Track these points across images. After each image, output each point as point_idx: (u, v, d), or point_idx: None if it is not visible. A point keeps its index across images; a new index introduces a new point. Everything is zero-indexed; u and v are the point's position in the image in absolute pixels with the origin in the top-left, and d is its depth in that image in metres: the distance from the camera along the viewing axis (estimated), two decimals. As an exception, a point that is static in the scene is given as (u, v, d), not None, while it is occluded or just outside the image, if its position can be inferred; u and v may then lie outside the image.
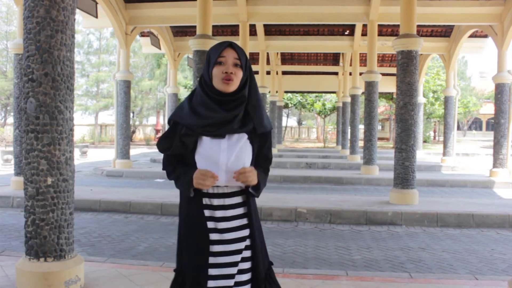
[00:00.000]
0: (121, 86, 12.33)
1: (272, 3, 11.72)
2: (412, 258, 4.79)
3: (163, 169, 1.99)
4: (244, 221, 1.90)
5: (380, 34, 13.49)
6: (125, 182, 10.59)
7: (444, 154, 15.29)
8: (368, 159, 11.64)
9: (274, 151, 18.58)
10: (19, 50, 7.66)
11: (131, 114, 27.24)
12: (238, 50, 1.84)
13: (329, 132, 36.91)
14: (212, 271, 1.83)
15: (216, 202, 1.86)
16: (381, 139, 32.17)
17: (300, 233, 5.92)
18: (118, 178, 11.63)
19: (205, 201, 1.87)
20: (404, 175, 7.27)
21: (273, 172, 12.08)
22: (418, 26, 9.13)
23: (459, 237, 5.79)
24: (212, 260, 1.83)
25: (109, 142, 28.80)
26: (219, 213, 1.86)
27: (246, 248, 1.89)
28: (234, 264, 1.85)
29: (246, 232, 1.89)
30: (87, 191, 8.07)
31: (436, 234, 5.94)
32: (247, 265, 1.89)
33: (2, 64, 31.60)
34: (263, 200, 7.22)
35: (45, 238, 3.20)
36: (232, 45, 1.84)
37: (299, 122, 47.78)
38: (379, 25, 12.28)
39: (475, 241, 5.58)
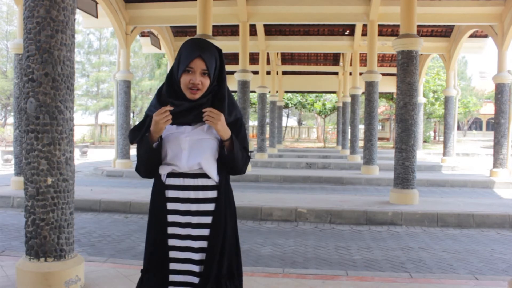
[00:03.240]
0: (121, 86, 12.33)
1: (272, 3, 11.72)
2: (412, 258, 4.79)
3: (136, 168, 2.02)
4: (207, 219, 1.92)
5: (380, 34, 13.49)
6: (125, 182, 10.59)
7: (444, 154, 15.29)
8: (368, 159, 11.64)
9: (274, 151, 18.62)
10: (19, 50, 7.66)
11: (131, 114, 27.17)
12: (207, 60, 1.87)
13: (329, 132, 36.91)
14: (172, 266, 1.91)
15: (181, 194, 1.92)
16: (381, 139, 32.18)
17: (300, 233, 5.92)
18: (118, 178, 11.63)
19: (169, 193, 1.93)
20: (404, 175, 7.26)
21: (273, 172, 12.10)
22: (418, 26, 9.13)
23: (459, 237, 5.79)
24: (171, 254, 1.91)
25: (109, 142, 28.81)
26: (183, 207, 1.92)
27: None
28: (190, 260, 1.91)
29: (205, 232, 1.92)
30: (87, 191, 8.07)
31: (436, 234, 5.94)
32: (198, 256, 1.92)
33: (2, 64, 31.59)
34: (263, 200, 7.22)
35: (45, 238, 3.20)
36: (201, 56, 1.87)
37: (299, 122, 47.77)
38: (379, 25, 12.28)
39: (475, 241, 5.58)
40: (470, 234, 6.00)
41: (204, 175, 1.93)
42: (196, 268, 1.90)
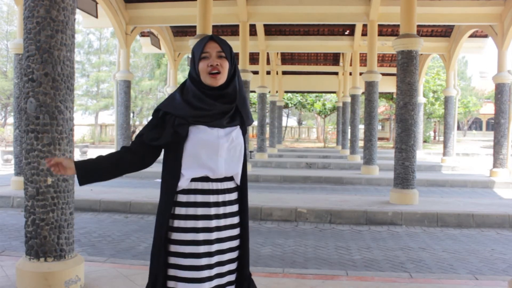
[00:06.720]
0: (121, 86, 12.34)
1: (272, 3, 11.72)
2: (412, 258, 4.79)
3: None
4: (235, 219, 1.91)
5: (380, 34, 13.49)
6: (125, 182, 10.58)
7: (444, 154, 15.30)
8: (368, 159, 11.64)
9: (274, 151, 18.65)
10: (19, 50, 7.66)
11: (131, 114, 27.17)
12: (221, 42, 1.84)
13: (329, 132, 36.90)
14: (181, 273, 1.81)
15: (212, 199, 1.85)
16: (381, 139, 32.17)
17: (300, 233, 5.92)
18: (118, 178, 11.61)
19: (198, 198, 1.84)
20: (404, 175, 7.26)
21: (273, 172, 12.10)
22: (418, 26, 9.13)
23: (459, 237, 5.79)
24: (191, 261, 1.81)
25: (109, 142, 28.81)
26: (213, 211, 1.84)
27: (233, 249, 1.90)
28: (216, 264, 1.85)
29: (236, 231, 1.90)
30: (87, 191, 8.06)
31: (436, 234, 5.94)
32: (233, 266, 1.90)
33: (2, 64, 31.59)
34: (263, 200, 7.22)
35: (45, 238, 3.20)
36: (213, 38, 1.84)
37: (299, 122, 47.76)
38: (379, 25, 12.28)
39: (475, 241, 5.58)
40: (470, 234, 6.00)
41: (230, 178, 1.89)
42: (224, 269, 1.87)
